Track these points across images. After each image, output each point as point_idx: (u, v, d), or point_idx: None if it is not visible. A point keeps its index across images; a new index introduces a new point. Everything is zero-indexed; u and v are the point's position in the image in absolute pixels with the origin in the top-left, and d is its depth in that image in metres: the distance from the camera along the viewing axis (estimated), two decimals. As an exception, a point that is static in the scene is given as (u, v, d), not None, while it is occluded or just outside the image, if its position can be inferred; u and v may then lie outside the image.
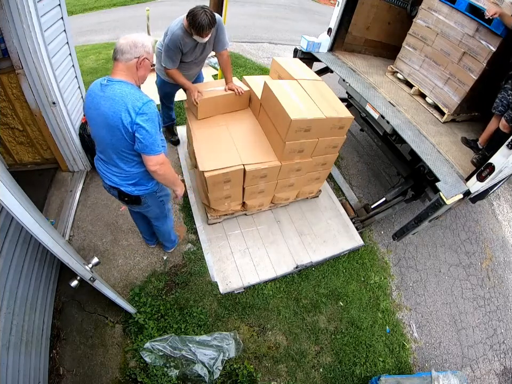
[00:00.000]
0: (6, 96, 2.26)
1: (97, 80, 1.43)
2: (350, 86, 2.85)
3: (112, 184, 1.64)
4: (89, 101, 1.43)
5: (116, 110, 1.34)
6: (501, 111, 2.33)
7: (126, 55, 1.34)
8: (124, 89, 1.35)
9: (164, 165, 1.50)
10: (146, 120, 1.35)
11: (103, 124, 1.40)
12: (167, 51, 2.26)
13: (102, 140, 1.48)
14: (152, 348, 1.92)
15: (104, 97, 1.36)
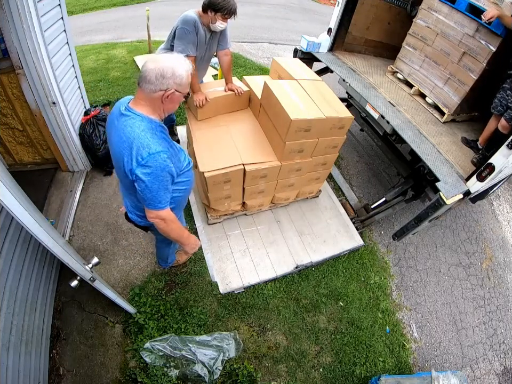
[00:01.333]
0: (6, 96, 2.26)
1: (122, 101, 1.27)
2: (350, 86, 2.85)
3: (124, 205, 1.55)
4: (108, 121, 1.31)
5: (120, 150, 1.19)
6: (500, 111, 2.33)
7: (150, 85, 1.13)
8: (135, 129, 1.15)
9: (166, 221, 1.30)
10: (148, 174, 1.15)
11: (113, 154, 1.29)
12: (185, 34, 2.08)
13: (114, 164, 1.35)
14: (152, 347, 1.92)
15: (116, 128, 1.21)
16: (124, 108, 1.20)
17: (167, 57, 1.15)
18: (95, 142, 2.73)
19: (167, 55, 1.19)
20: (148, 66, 1.12)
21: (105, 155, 2.80)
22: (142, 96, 1.18)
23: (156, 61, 1.13)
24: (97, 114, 2.79)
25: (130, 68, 4.47)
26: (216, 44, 2.40)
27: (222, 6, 2.03)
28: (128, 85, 4.05)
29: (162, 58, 1.14)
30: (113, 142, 1.24)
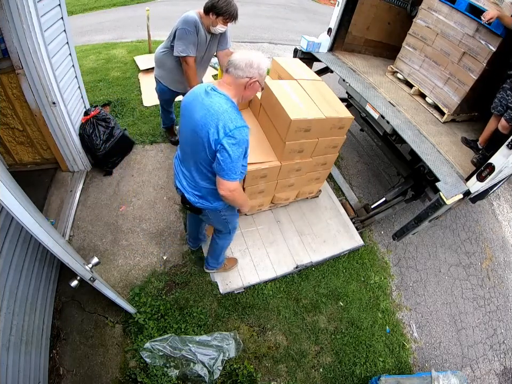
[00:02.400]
0: (6, 96, 2.26)
1: (204, 84, 1.41)
2: (350, 86, 2.85)
3: (179, 187, 1.62)
4: (188, 100, 1.42)
5: (206, 122, 1.31)
6: (500, 111, 2.33)
7: (239, 71, 1.29)
8: (223, 104, 1.30)
9: (235, 191, 1.42)
10: (232, 144, 1.29)
11: (191, 129, 1.38)
12: (185, 34, 2.11)
13: (185, 140, 1.47)
14: (152, 347, 1.92)
15: (202, 104, 1.34)
16: (209, 88, 1.34)
17: (254, 52, 1.35)
18: (95, 142, 2.73)
19: (253, 51, 1.36)
20: (237, 56, 1.30)
21: (105, 155, 2.80)
22: (228, 80, 1.34)
23: (244, 53, 1.31)
24: (97, 114, 2.79)
25: (130, 67, 4.47)
26: (216, 45, 2.40)
27: (225, 11, 2.05)
28: (128, 84, 4.05)
29: (250, 52, 1.33)
30: (196, 116, 1.34)
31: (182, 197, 1.65)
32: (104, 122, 2.80)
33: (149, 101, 3.75)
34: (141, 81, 4.14)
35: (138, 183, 2.91)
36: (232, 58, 1.31)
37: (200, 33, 2.18)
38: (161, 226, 2.63)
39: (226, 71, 1.33)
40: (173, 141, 3.28)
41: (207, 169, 1.44)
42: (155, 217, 2.68)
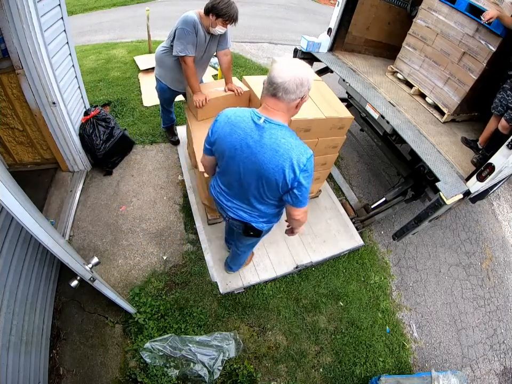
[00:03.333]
0: (6, 96, 2.26)
1: (244, 112, 1.24)
2: (350, 86, 2.85)
3: (238, 219, 1.53)
4: (235, 138, 1.23)
5: (278, 164, 1.18)
6: (500, 111, 2.33)
7: (291, 95, 1.13)
8: (289, 139, 1.18)
9: (307, 212, 1.41)
10: (307, 177, 1.23)
11: (254, 171, 1.26)
12: (184, 34, 2.11)
13: (241, 181, 1.34)
14: (152, 348, 1.92)
15: (261, 144, 1.19)
16: (261, 120, 1.18)
17: (297, 65, 1.15)
18: (95, 142, 2.73)
19: (293, 62, 1.17)
20: (284, 77, 1.10)
21: (105, 155, 2.80)
22: (279, 107, 1.18)
23: (290, 70, 1.11)
24: (97, 114, 2.79)
25: (130, 67, 4.47)
26: (215, 45, 2.40)
27: (224, 12, 2.06)
28: (128, 84, 4.05)
29: (294, 67, 1.13)
30: (261, 158, 1.21)
31: (245, 228, 1.56)
32: (104, 122, 2.80)
33: (149, 101, 3.76)
34: (141, 81, 4.14)
35: (138, 183, 2.91)
36: (279, 81, 1.11)
37: (200, 33, 2.19)
38: (161, 226, 2.63)
39: (275, 96, 1.15)
40: (173, 141, 3.28)
41: (275, 200, 1.39)
42: (155, 217, 2.68)
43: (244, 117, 1.22)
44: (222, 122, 1.27)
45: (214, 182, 1.57)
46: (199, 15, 2.16)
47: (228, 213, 1.55)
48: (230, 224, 1.68)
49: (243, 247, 1.97)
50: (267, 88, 1.17)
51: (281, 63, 1.14)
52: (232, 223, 1.61)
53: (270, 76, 1.14)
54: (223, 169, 1.42)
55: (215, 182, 1.56)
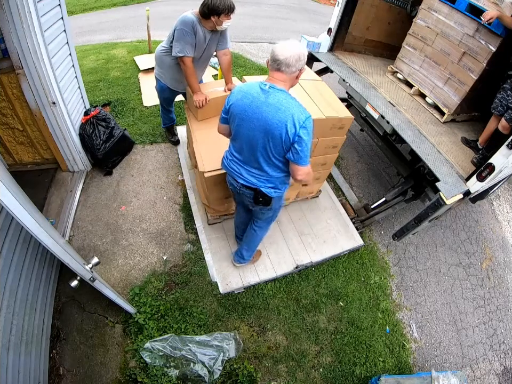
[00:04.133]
0: (6, 96, 2.26)
1: (253, 83, 1.48)
2: (350, 86, 2.85)
3: (247, 184, 1.70)
4: (245, 102, 1.47)
5: (281, 119, 1.40)
6: (500, 111, 2.33)
7: (292, 68, 1.39)
8: (289, 100, 1.42)
9: (310, 173, 1.57)
10: (307, 133, 1.43)
11: (261, 128, 1.46)
12: (183, 35, 2.14)
13: (251, 141, 1.54)
14: (152, 348, 1.92)
15: (267, 103, 1.42)
16: (266, 86, 1.43)
17: (294, 44, 1.40)
18: (95, 142, 2.73)
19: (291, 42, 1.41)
20: (284, 55, 1.36)
21: (105, 155, 2.80)
22: (282, 78, 1.43)
23: (289, 48, 1.37)
24: (97, 114, 2.79)
25: (130, 67, 4.47)
26: (215, 44, 2.40)
27: (222, 8, 2.07)
28: (128, 84, 4.05)
29: (292, 45, 1.39)
30: (267, 116, 1.43)
31: (255, 194, 1.72)
32: (104, 122, 2.80)
33: (149, 101, 3.76)
34: (141, 81, 4.14)
35: (138, 183, 2.91)
36: (280, 58, 1.37)
37: (198, 34, 2.20)
38: (161, 226, 2.63)
39: (279, 70, 1.41)
40: (173, 141, 3.28)
41: (279, 160, 1.56)
42: (155, 217, 2.68)
43: (253, 86, 1.48)
44: (236, 92, 1.52)
45: (226, 153, 1.77)
46: (197, 15, 2.17)
47: (239, 181, 1.71)
48: (242, 197, 1.83)
49: (260, 222, 2.08)
50: (271, 65, 1.43)
51: (281, 43, 1.39)
52: (244, 193, 1.76)
53: (273, 55, 1.39)
54: (235, 133, 1.60)
55: (227, 152, 1.76)
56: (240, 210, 2.19)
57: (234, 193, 1.92)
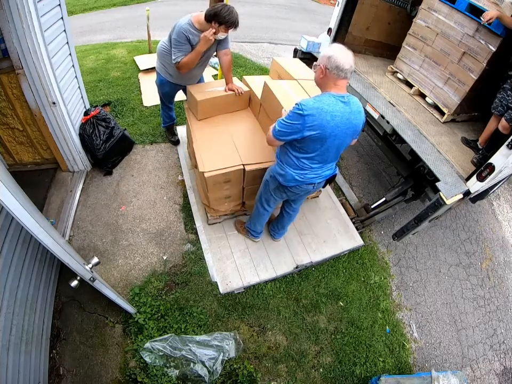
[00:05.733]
0: (6, 96, 2.26)
1: (330, 100, 1.53)
2: (350, 86, 2.85)
3: (326, 177, 1.87)
4: (336, 121, 1.54)
5: (362, 118, 1.66)
6: (500, 111, 2.33)
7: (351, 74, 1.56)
8: (357, 99, 1.64)
9: None
10: None
11: (350, 132, 1.64)
12: (177, 45, 2.24)
13: (338, 147, 1.69)
14: (152, 348, 1.92)
15: (353, 112, 1.58)
16: (345, 98, 1.55)
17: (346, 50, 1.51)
18: (95, 142, 2.73)
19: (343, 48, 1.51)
20: (350, 62, 1.49)
21: (105, 155, 2.80)
22: (345, 84, 1.58)
23: (349, 56, 1.50)
24: (97, 114, 2.79)
25: (130, 67, 4.47)
26: (215, 45, 2.41)
27: (227, 20, 2.10)
28: (128, 85, 4.05)
29: (347, 53, 1.50)
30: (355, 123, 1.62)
31: (330, 179, 1.93)
32: (104, 122, 2.80)
33: (149, 101, 3.76)
34: (141, 81, 4.14)
35: (138, 183, 2.91)
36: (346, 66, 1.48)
37: (194, 40, 2.23)
38: (161, 226, 2.63)
39: (346, 78, 1.53)
40: (173, 141, 3.28)
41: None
42: (155, 217, 2.68)
43: (335, 104, 1.53)
44: (317, 114, 1.51)
45: (300, 171, 1.78)
46: (193, 21, 2.18)
47: (317, 181, 1.85)
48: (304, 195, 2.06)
49: (297, 205, 2.28)
50: (337, 74, 1.49)
51: (340, 52, 1.48)
52: (318, 187, 1.95)
53: (337, 64, 1.46)
54: (322, 151, 1.66)
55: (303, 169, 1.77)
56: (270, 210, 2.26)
57: (286, 197, 2.04)
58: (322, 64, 1.52)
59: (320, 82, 1.61)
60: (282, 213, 2.39)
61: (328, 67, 1.49)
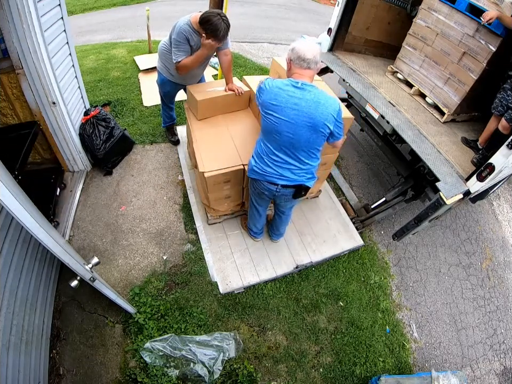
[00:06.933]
0: (6, 96, 2.26)
1: (282, 81, 1.56)
2: (350, 86, 2.85)
3: (288, 183, 1.76)
4: (283, 101, 1.54)
5: (323, 112, 1.54)
6: (500, 111, 2.33)
7: (317, 65, 1.56)
8: (323, 93, 1.56)
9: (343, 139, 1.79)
10: (341, 116, 1.62)
11: (305, 123, 1.55)
12: (177, 45, 2.24)
13: (291, 139, 1.61)
14: (152, 348, 1.92)
15: (304, 99, 1.52)
16: (299, 84, 1.53)
17: (313, 42, 1.56)
18: (95, 142, 2.73)
19: (308, 42, 1.57)
20: (313, 52, 1.51)
21: (105, 155, 2.80)
22: (309, 74, 1.57)
23: (313, 47, 1.53)
24: (97, 114, 2.79)
25: (130, 67, 4.47)
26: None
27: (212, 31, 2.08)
28: (128, 84, 4.05)
29: (312, 44, 1.53)
30: (310, 111, 1.53)
31: (296, 190, 1.81)
32: (104, 122, 2.80)
33: (149, 101, 3.75)
34: (141, 81, 4.14)
35: (138, 183, 2.91)
36: (310, 55, 1.50)
37: (193, 40, 2.23)
38: (161, 226, 2.63)
39: (309, 68, 1.54)
40: (173, 141, 3.28)
41: (318, 149, 1.70)
42: (155, 217, 2.68)
43: (286, 84, 1.55)
44: (268, 88, 1.58)
45: (259, 157, 1.76)
46: (191, 22, 2.18)
47: (279, 183, 1.76)
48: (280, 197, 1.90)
49: (287, 210, 2.23)
50: (298, 63, 1.54)
51: (301, 43, 1.51)
52: (283, 193, 1.83)
53: (299, 54, 1.51)
54: (272, 131, 1.63)
55: (262, 155, 1.75)
56: (261, 210, 2.23)
57: (264, 197, 1.96)
58: (287, 57, 1.58)
59: (288, 75, 1.64)
60: (274, 216, 2.39)
61: (292, 58, 1.55)
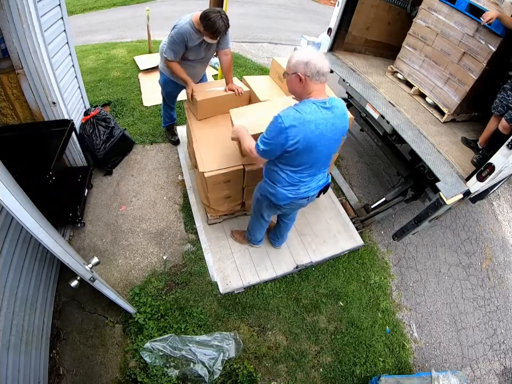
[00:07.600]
0: (6, 96, 2.25)
1: (310, 106, 1.43)
2: (350, 86, 2.85)
3: (319, 188, 1.79)
4: (321, 129, 1.45)
5: (346, 122, 1.57)
6: (500, 111, 2.33)
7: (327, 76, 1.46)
8: (341, 102, 1.55)
9: None
10: None
11: (337, 137, 1.57)
12: (172, 43, 2.26)
13: (326, 154, 1.61)
14: (152, 348, 1.92)
15: (336, 116, 1.49)
16: (326, 104, 1.45)
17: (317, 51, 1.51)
18: (95, 142, 2.73)
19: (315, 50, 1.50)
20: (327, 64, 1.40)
21: (105, 155, 2.80)
22: (323, 87, 1.48)
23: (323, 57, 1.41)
24: (97, 114, 2.79)
25: (130, 67, 4.47)
26: (214, 46, 2.41)
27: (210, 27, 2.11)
28: (128, 84, 4.05)
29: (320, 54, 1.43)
30: (339, 127, 1.53)
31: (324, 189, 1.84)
32: (104, 122, 2.81)
33: (149, 101, 3.75)
34: (141, 81, 4.14)
35: (138, 183, 2.91)
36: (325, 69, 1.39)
37: (192, 41, 2.25)
38: (161, 226, 2.63)
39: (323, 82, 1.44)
40: (173, 141, 3.28)
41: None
42: (155, 217, 2.68)
43: (315, 110, 1.43)
44: (299, 125, 1.41)
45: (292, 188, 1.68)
46: (192, 21, 2.19)
47: (311, 194, 1.76)
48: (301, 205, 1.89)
49: (292, 216, 2.25)
50: (318, 79, 1.40)
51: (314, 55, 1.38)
52: (312, 199, 1.85)
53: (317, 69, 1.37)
54: (309, 161, 1.57)
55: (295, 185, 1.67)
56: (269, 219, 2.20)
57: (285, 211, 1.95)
58: (299, 72, 1.38)
59: (299, 91, 1.47)
60: (279, 222, 2.34)
61: (308, 74, 1.37)
